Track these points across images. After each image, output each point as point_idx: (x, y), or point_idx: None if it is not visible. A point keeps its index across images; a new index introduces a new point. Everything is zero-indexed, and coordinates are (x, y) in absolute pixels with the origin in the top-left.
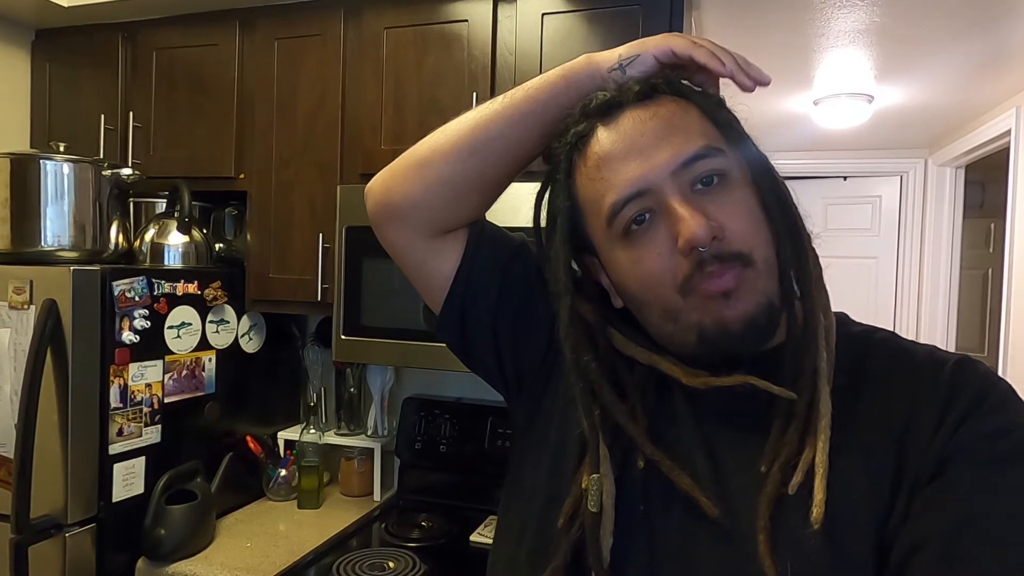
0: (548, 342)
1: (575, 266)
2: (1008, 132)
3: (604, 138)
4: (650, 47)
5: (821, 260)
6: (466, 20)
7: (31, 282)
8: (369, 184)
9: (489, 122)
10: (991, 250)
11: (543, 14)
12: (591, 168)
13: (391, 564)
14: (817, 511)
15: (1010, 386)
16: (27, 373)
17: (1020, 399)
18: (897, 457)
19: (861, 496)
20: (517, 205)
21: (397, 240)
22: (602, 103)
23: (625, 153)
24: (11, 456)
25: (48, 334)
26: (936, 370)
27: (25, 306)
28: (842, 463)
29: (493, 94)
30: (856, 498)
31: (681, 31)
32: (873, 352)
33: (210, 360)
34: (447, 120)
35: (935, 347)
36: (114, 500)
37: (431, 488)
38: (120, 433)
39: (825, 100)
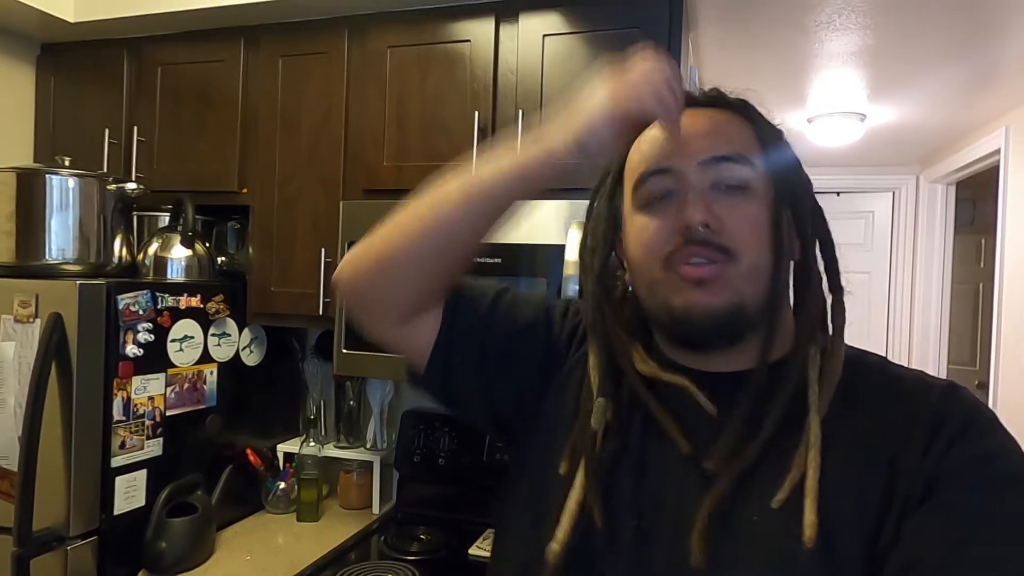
0: (539, 373)
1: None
2: (998, 151)
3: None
4: (600, 116)
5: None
6: (468, 40)
7: (37, 296)
8: (336, 275)
9: (447, 222)
10: (982, 265)
11: (544, 35)
12: (640, 142)
13: None
14: (809, 532)
15: (994, 413)
16: (31, 386)
17: (1003, 426)
18: (886, 480)
19: (849, 518)
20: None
21: (375, 330)
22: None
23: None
24: (14, 469)
25: (53, 347)
26: (924, 395)
27: (30, 319)
28: (830, 486)
29: (495, 114)
30: (844, 519)
31: (680, 53)
32: (863, 377)
33: (211, 373)
34: (451, 139)
35: (923, 372)
36: (115, 513)
37: (430, 501)
38: (122, 446)
39: (819, 118)
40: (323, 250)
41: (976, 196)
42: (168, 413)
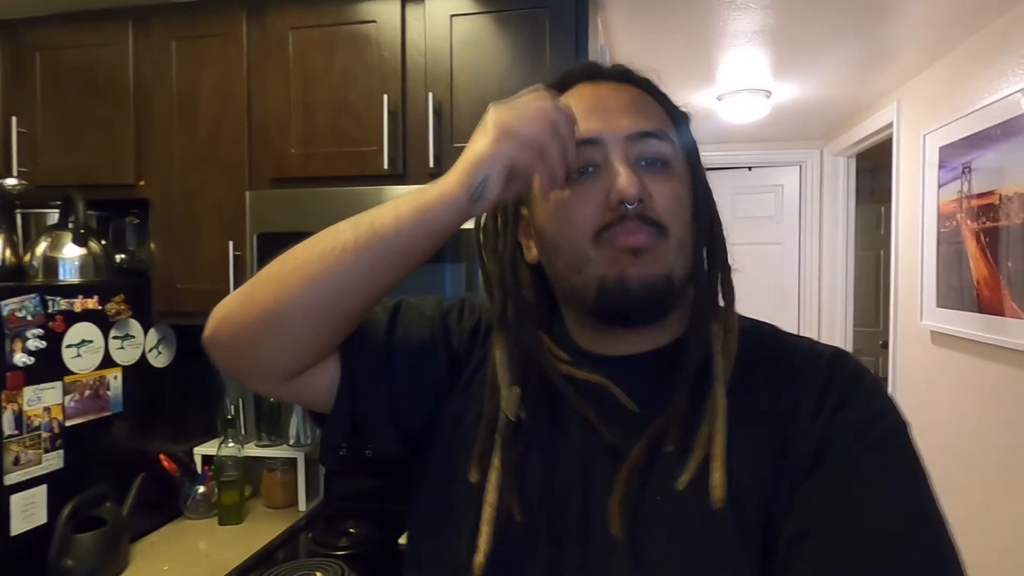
0: (448, 386)
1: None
2: (891, 124)
3: (583, 91)
4: (483, 158)
5: (731, 246)
6: (374, 21)
7: None
8: (210, 334)
9: (345, 276)
10: (883, 232)
11: (451, 15)
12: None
13: (319, 574)
14: (719, 493)
15: (877, 378)
16: None
17: (885, 390)
18: (779, 444)
19: (750, 486)
20: None
21: (261, 389)
22: (587, 67)
23: (593, 108)
24: None
25: None
26: (813, 364)
27: None
28: (732, 454)
29: (405, 97)
30: (746, 486)
31: (587, 33)
32: (758, 347)
33: (115, 378)
34: (360, 123)
35: (814, 341)
36: (13, 533)
37: (358, 494)
38: (16, 462)
39: (727, 96)
40: (231, 243)
41: (875, 166)
42: (68, 423)
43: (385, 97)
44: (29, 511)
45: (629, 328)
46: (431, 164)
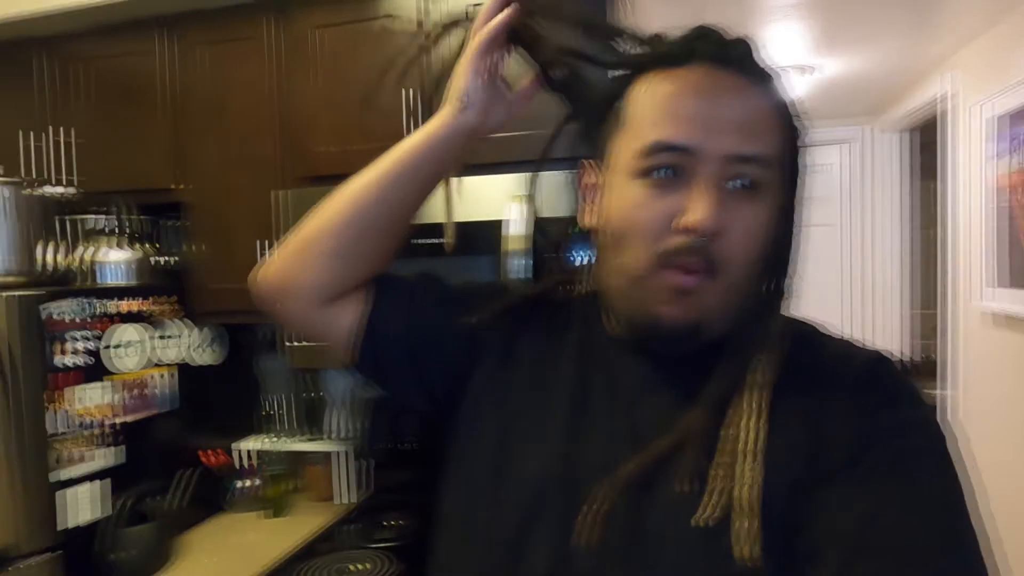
0: (467, 343)
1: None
2: (942, 96)
3: (693, 77)
4: (459, 66)
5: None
6: (392, 16)
7: None
8: (260, 273)
9: (365, 192)
10: (932, 211)
11: (470, 4)
12: (666, 85)
13: (362, 566)
14: (747, 550)
15: (916, 386)
16: None
17: (924, 399)
18: (810, 446)
19: (777, 483)
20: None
21: (296, 316)
22: (713, 47)
23: (700, 107)
24: None
25: None
26: (851, 365)
27: None
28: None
29: (425, 89)
30: (773, 484)
31: (613, 6)
32: (796, 347)
33: (161, 376)
34: (387, 118)
35: (851, 342)
36: (68, 527)
37: (401, 486)
38: (68, 459)
39: None
40: (264, 242)
41: (930, 141)
42: (116, 421)
43: (408, 91)
44: (82, 506)
45: (645, 352)
46: None
